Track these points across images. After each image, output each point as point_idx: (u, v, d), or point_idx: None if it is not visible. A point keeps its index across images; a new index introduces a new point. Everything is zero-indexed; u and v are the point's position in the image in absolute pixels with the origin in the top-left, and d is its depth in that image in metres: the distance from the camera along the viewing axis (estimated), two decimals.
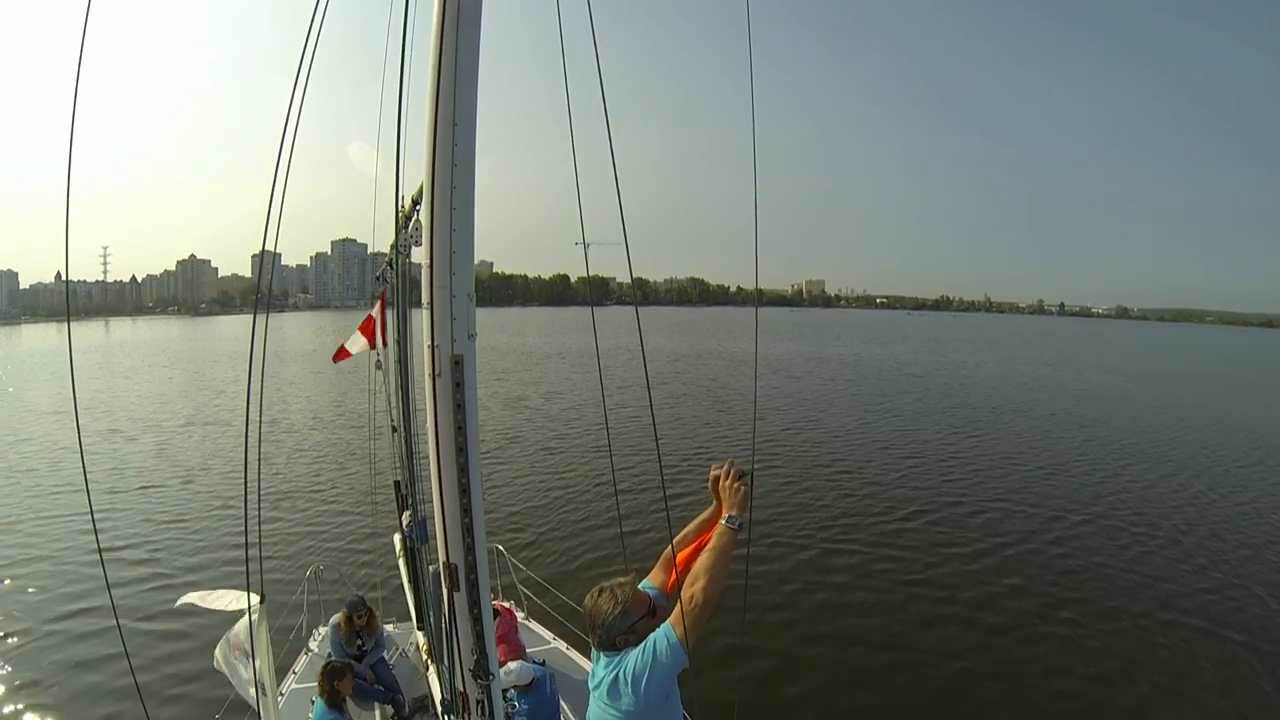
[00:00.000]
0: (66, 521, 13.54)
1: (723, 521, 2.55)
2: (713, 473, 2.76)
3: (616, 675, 2.45)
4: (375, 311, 6.66)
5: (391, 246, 4.45)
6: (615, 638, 2.53)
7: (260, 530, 4.96)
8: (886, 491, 15.93)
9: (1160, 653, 8.97)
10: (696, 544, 2.79)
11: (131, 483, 16.58)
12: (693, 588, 2.39)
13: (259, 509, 3.04)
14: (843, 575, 11.21)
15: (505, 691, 4.93)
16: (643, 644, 2.43)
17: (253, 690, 4.28)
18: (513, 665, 5.23)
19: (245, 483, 2.42)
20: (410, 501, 4.91)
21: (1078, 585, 10.97)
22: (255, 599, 4.11)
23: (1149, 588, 10.95)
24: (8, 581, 10.99)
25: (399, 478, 6.65)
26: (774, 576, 10.91)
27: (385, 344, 6.52)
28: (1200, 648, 9.09)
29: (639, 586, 2.74)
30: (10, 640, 9.14)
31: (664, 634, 2.38)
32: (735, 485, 2.62)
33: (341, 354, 7.38)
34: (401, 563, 6.80)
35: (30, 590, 10.63)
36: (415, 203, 2.78)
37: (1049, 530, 13.53)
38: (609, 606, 2.55)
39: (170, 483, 16.58)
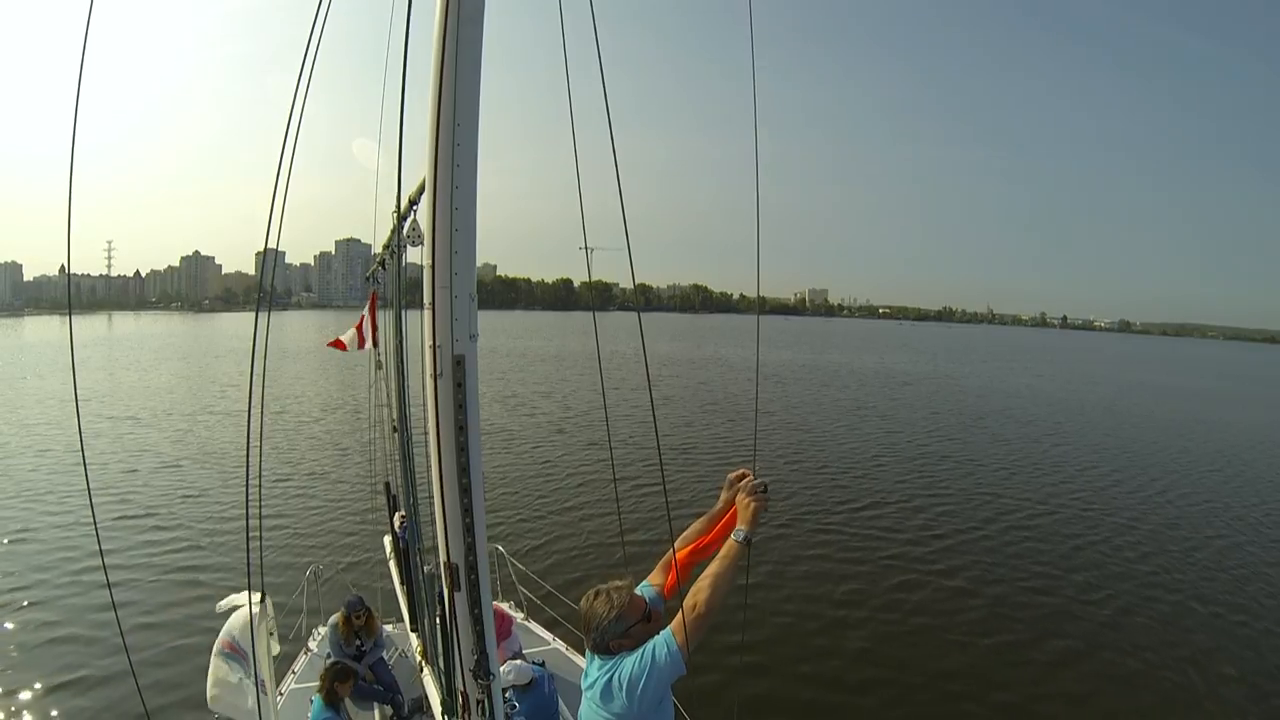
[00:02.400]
0: (72, 498, 14.46)
1: (733, 536, 2.51)
2: (731, 475, 2.76)
3: (611, 678, 2.42)
4: (366, 312, 6.68)
5: (385, 246, 4.45)
6: (609, 641, 2.51)
7: (261, 529, 4.98)
8: (877, 487, 16.88)
9: (1094, 620, 10.14)
10: (695, 544, 2.79)
11: (134, 472, 16.99)
12: (695, 597, 2.37)
13: (260, 508, 3.05)
14: (828, 562, 12.03)
15: (504, 691, 4.91)
16: (641, 649, 2.41)
17: (252, 690, 4.27)
18: (511, 665, 5.22)
19: (246, 483, 2.43)
20: (402, 502, 4.89)
21: (1026, 566, 12.16)
22: (255, 598, 4.11)
23: (1095, 573, 12.02)
24: (31, 548, 11.89)
25: (389, 479, 6.64)
26: (766, 566, 11.32)
27: (375, 344, 6.53)
28: (1136, 615, 10.35)
29: (637, 589, 2.73)
30: (10, 604, 9.80)
31: (664, 640, 2.36)
32: (750, 500, 2.57)
33: (336, 343, 7.43)
34: (392, 564, 6.76)
35: (36, 559, 11.46)
36: (413, 202, 2.78)
37: (1015, 518, 14.87)
38: (604, 610, 2.53)
39: (172, 476, 16.73)
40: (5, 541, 12.25)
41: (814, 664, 8.58)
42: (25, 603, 9.85)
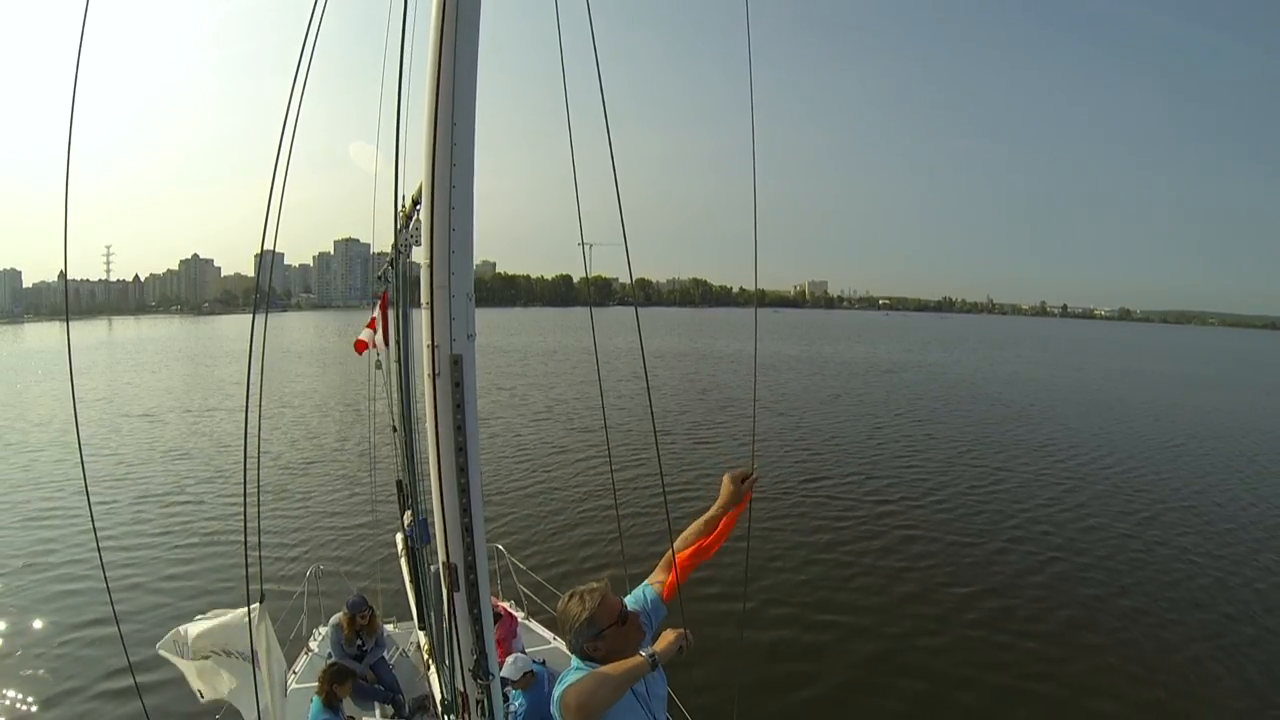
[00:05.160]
0: (94, 484, 15.55)
1: (642, 651, 2.35)
2: (735, 474, 2.78)
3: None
4: (377, 312, 6.64)
5: (392, 246, 4.45)
6: (583, 644, 2.43)
7: (260, 529, 4.97)
8: (860, 464, 18.07)
9: (1053, 573, 11.27)
10: (696, 545, 2.79)
11: (136, 472, 17.18)
12: (580, 696, 2.22)
13: (259, 509, 3.05)
14: (805, 532, 12.95)
15: (504, 688, 4.91)
16: (558, 686, 2.34)
17: (253, 691, 4.26)
18: (509, 660, 5.24)
19: (245, 483, 2.42)
20: (412, 501, 4.91)
21: (997, 530, 13.27)
22: (255, 601, 4.10)
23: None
24: (53, 529, 12.83)
25: (400, 477, 6.66)
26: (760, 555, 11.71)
27: (387, 344, 6.51)
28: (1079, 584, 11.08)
29: (639, 589, 2.73)
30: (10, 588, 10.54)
31: (556, 703, 2.27)
32: (674, 637, 2.40)
33: (360, 345, 7.38)
34: (403, 562, 6.79)
35: (55, 536, 12.41)
36: (415, 202, 2.77)
37: (989, 491, 16.11)
38: (577, 612, 2.46)
39: (179, 469, 17.12)
40: (24, 521, 13.40)
41: (796, 608, 9.77)
42: (42, 573, 10.77)
